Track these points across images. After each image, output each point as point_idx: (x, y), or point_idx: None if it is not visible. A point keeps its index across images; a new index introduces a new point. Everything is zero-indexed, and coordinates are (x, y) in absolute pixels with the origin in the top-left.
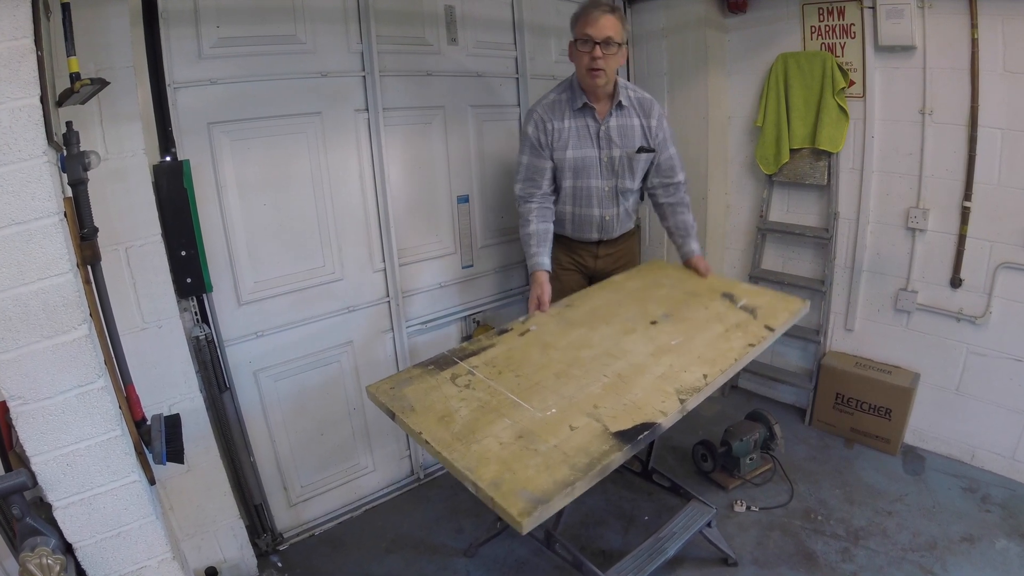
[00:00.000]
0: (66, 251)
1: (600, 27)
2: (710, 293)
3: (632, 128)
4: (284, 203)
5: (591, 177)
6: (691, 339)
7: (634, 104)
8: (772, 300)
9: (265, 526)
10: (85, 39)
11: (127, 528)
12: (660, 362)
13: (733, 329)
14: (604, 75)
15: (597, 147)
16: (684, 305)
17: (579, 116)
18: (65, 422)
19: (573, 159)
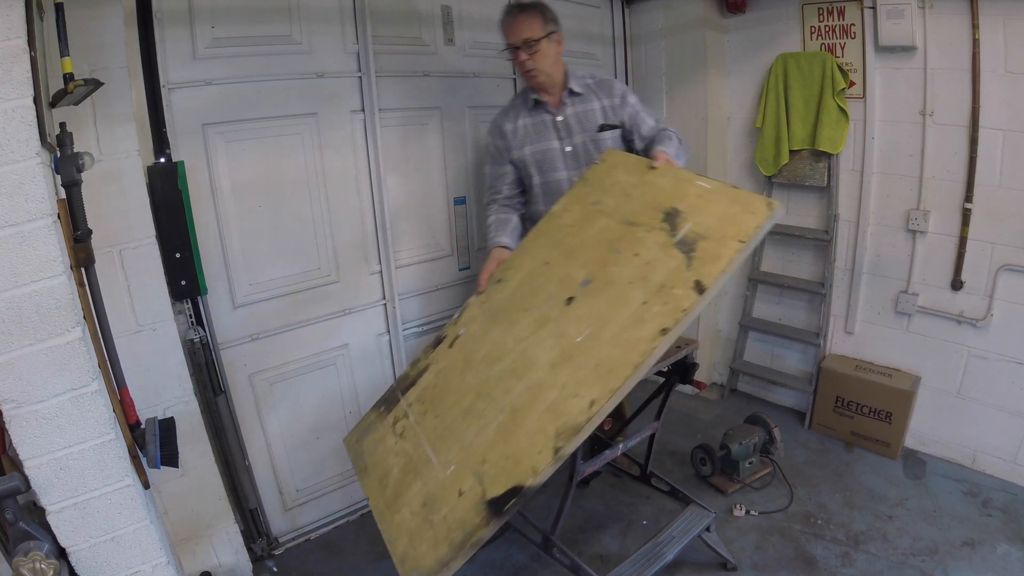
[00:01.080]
0: (60, 253)
1: (515, 31)
2: (652, 215)
3: (591, 112)
4: (279, 205)
5: (557, 170)
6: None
7: (591, 88)
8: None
9: (260, 531)
10: (79, 39)
11: (121, 533)
12: (557, 379)
13: (654, 297)
14: (540, 73)
15: (557, 138)
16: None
17: (534, 113)
18: (59, 426)
19: (532, 153)
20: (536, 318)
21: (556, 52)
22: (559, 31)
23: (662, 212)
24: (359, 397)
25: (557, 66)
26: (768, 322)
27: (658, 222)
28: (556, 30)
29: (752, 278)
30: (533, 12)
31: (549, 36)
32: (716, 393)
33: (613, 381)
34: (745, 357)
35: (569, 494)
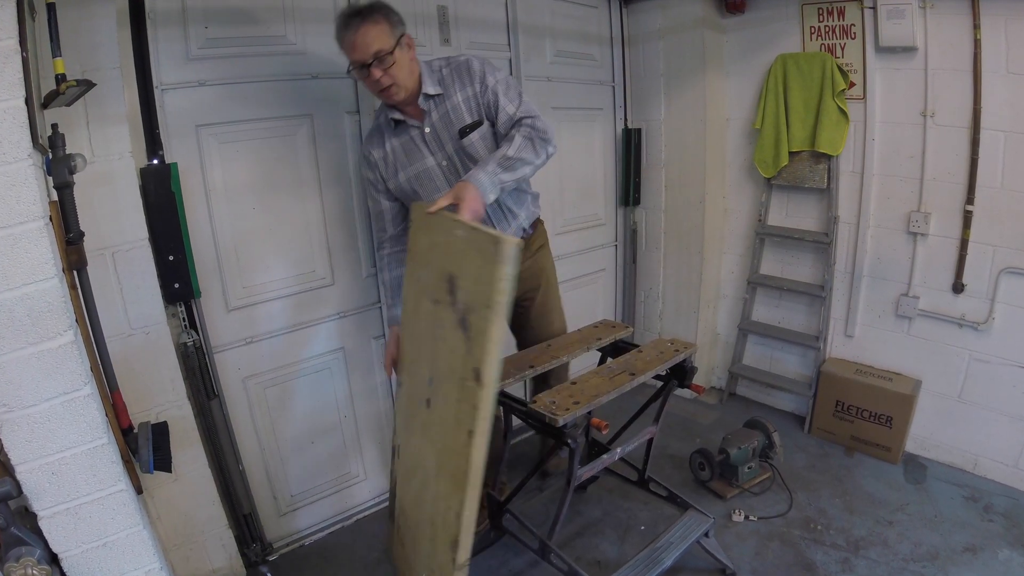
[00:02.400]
0: (51, 256)
1: (361, 46)
2: (441, 287)
3: (456, 109)
4: (274, 207)
5: (438, 189)
6: (446, 434)
7: (450, 80)
8: (477, 266)
9: (254, 536)
10: (71, 40)
11: (114, 538)
12: (440, 490)
13: (460, 393)
14: (397, 89)
15: (431, 153)
16: (436, 342)
17: (399, 132)
18: (50, 430)
19: (409, 179)
20: (421, 424)
21: (410, 57)
22: (406, 32)
23: (446, 281)
24: (354, 401)
25: (412, 75)
26: (767, 325)
27: (446, 295)
28: (404, 31)
29: (751, 281)
30: (376, 18)
31: (400, 42)
32: (715, 397)
33: (462, 490)
34: (744, 360)
35: (566, 499)
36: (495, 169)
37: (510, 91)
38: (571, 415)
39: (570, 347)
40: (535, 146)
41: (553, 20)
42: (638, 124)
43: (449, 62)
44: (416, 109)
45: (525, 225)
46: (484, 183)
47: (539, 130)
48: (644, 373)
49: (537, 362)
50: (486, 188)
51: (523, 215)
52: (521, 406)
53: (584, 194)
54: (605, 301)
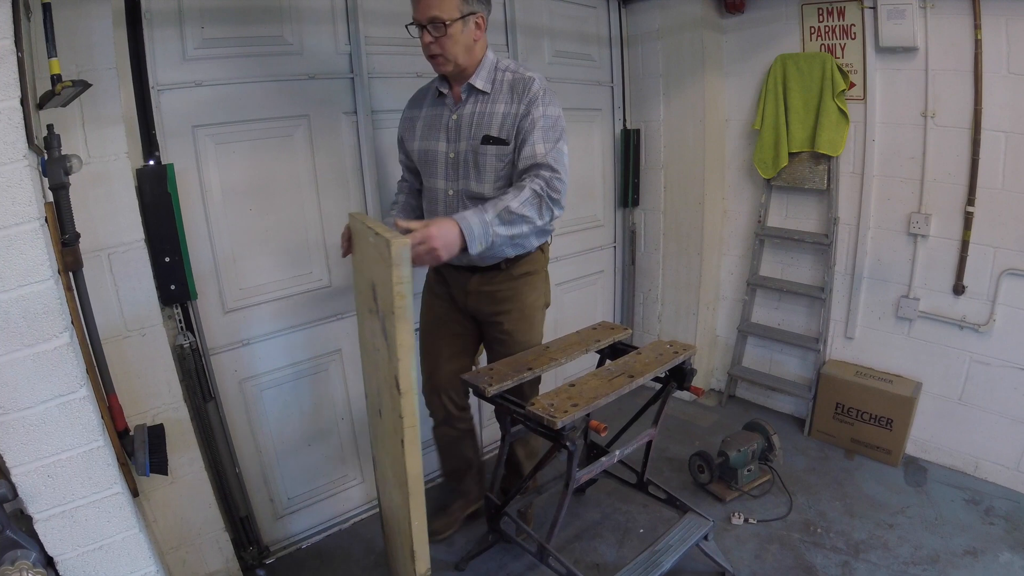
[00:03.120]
0: (47, 257)
1: (423, 7)
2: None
3: (491, 116)
4: (271, 208)
5: (436, 176)
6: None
7: (503, 87)
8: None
9: (251, 539)
10: (66, 40)
11: (110, 541)
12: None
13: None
14: (447, 61)
15: (446, 140)
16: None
17: (436, 104)
18: (46, 432)
19: (420, 152)
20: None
21: (473, 38)
22: (482, 12)
23: (371, 290)
24: (352, 403)
25: (471, 55)
26: (767, 327)
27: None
28: (478, 11)
29: (751, 282)
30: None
31: (465, 18)
32: (714, 399)
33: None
34: (744, 363)
35: (565, 502)
36: (493, 219)
37: (550, 132)
38: (569, 417)
39: (568, 349)
40: (542, 206)
41: (551, 20)
42: (637, 125)
43: (516, 72)
44: (459, 91)
45: (510, 253)
46: (475, 230)
47: (554, 188)
48: (643, 375)
49: (535, 364)
50: (475, 236)
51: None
52: (519, 408)
53: (583, 195)
54: (604, 303)
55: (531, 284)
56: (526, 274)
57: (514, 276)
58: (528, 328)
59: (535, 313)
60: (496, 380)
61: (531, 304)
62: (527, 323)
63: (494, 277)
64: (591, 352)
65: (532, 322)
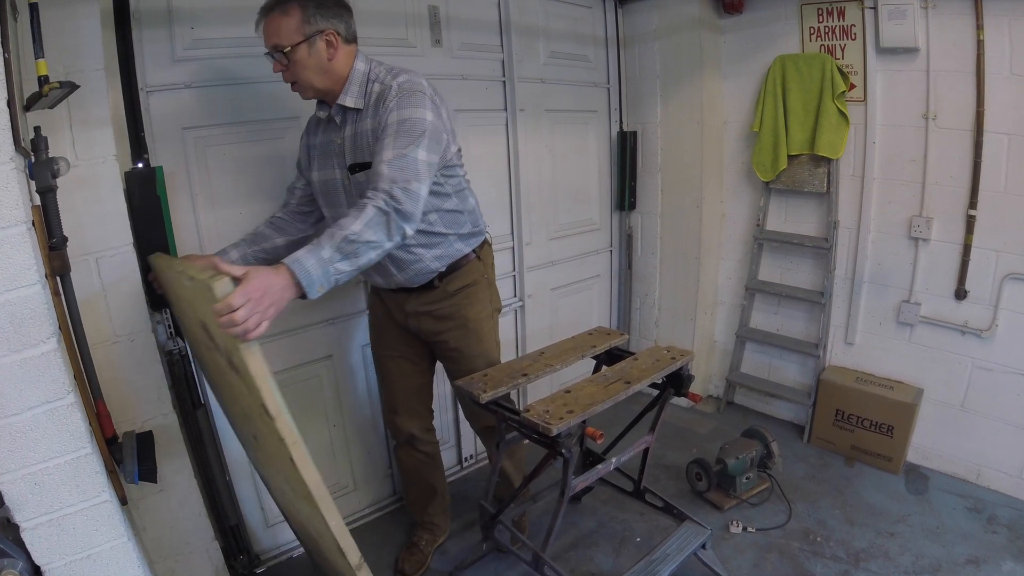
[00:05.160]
0: (34, 261)
1: (265, 35)
2: (203, 334)
3: (364, 135)
4: (261, 212)
5: (341, 206)
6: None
7: (372, 100)
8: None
9: (241, 548)
10: (54, 41)
11: (98, 550)
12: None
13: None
14: (302, 88)
15: (339, 166)
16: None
17: (327, 129)
18: (33, 439)
19: (318, 183)
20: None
21: (327, 57)
22: (330, 28)
23: (203, 329)
24: (343, 410)
25: (329, 75)
26: (766, 332)
27: (209, 341)
28: (324, 28)
29: (749, 287)
30: (289, 8)
31: (310, 40)
32: (712, 406)
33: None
34: (742, 369)
35: (560, 510)
36: (332, 255)
37: (402, 137)
38: (565, 424)
39: (564, 355)
40: (389, 226)
41: (547, 21)
42: (633, 127)
43: (384, 80)
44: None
45: (437, 267)
46: (312, 274)
47: (398, 200)
48: (640, 381)
49: (530, 371)
50: (313, 280)
51: (429, 257)
52: (514, 415)
53: (578, 198)
54: (600, 308)
55: (471, 297)
56: (464, 287)
57: (450, 293)
58: (477, 342)
59: (481, 325)
60: (491, 386)
61: (475, 318)
62: (475, 337)
63: (430, 296)
64: (587, 358)
65: (480, 335)
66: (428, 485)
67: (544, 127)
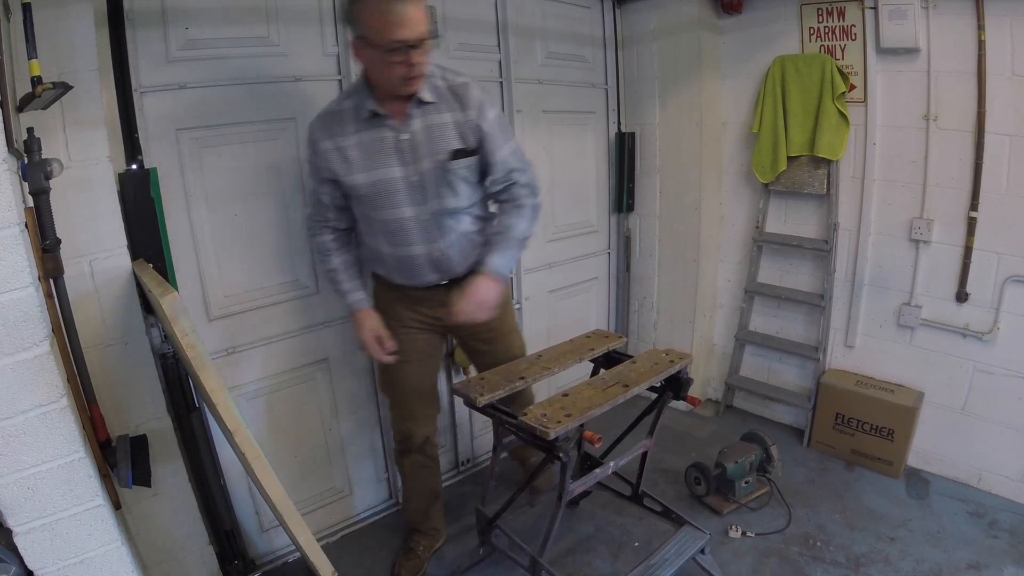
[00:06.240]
0: (27, 264)
1: (413, 25)
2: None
3: (443, 127)
4: (256, 213)
5: (400, 206)
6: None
7: (445, 95)
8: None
9: (236, 552)
10: (47, 41)
11: (91, 555)
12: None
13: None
14: (418, 81)
15: (400, 164)
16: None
17: (369, 128)
18: (26, 443)
19: (368, 185)
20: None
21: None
22: None
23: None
24: (339, 413)
25: None
26: (765, 335)
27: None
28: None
29: (748, 290)
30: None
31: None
32: (711, 409)
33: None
34: (741, 372)
35: (558, 515)
36: (516, 253)
37: (507, 132)
38: (563, 428)
39: (561, 358)
40: (536, 212)
41: (544, 21)
42: (632, 128)
43: (446, 77)
44: (400, 110)
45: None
46: (504, 269)
47: (534, 189)
48: (638, 385)
49: (528, 374)
50: (504, 272)
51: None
52: (511, 419)
53: (576, 200)
54: (598, 310)
55: None
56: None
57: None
58: (510, 317)
59: (509, 301)
60: (488, 389)
61: (505, 294)
62: (508, 313)
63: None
64: (585, 361)
65: (511, 310)
66: (431, 490)
67: (542, 128)
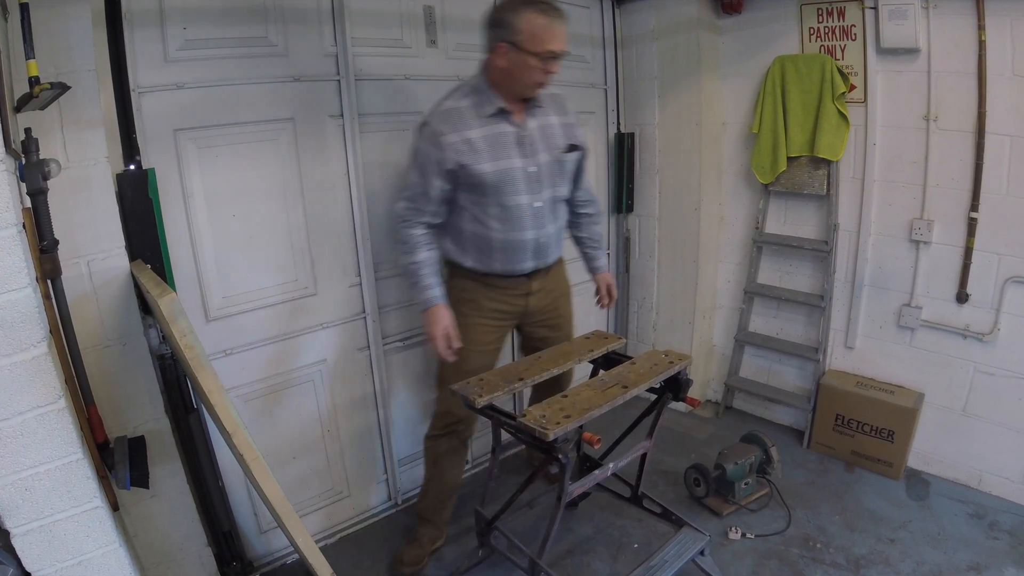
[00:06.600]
0: (25, 264)
1: (561, 40)
2: None
3: (552, 127)
4: (254, 214)
5: (518, 193)
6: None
7: (548, 101)
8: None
9: (235, 554)
10: (45, 41)
11: (89, 557)
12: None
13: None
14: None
15: (521, 155)
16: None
17: (491, 123)
18: (23, 445)
19: (493, 173)
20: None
21: None
22: None
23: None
24: (338, 415)
25: None
26: (765, 336)
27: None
28: None
29: (748, 290)
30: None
31: None
32: (711, 411)
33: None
34: (741, 373)
35: (557, 516)
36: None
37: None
38: (562, 429)
39: (561, 359)
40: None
41: None
42: (631, 128)
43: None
44: (519, 109)
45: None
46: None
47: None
48: (637, 386)
49: (527, 374)
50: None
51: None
52: (510, 420)
53: None
54: (597, 311)
55: (564, 264)
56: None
57: (560, 261)
58: (570, 304)
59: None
60: (487, 391)
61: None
62: (570, 301)
63: (552, 269)
64: (584, 362)
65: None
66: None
67: None
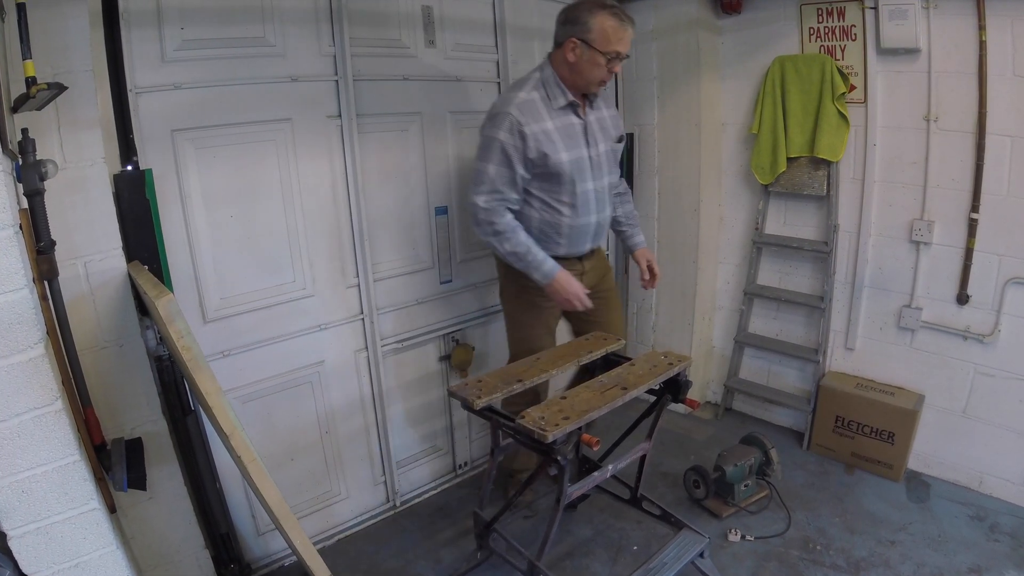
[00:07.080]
0: (22, 265)
1: (628, 43)
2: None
3: (605, 120)
4: (252, 215)
5: (587, 180)
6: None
7: (601, 95)
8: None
9: (232, 556)
10: (41, 41)
11: (86, 559)
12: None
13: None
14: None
15: (586, 145)
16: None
17: (561, 115)
18: (20, 446)
19: (570, 162)
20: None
21: None
22: None
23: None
24: (336, 416)
25: None
26: (765, 338)
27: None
28: None
29: (748, 292)
30: None
31: None
32: (710, 412)
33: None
34: (741, 374)
35: (556, 518)
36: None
37: None
38: (561, 431)
39: (560, 360)
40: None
41: (542, 21)
42: (630, 129)
43: None
44: (581, 103)
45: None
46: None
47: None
48: (636, 387)
49: (526, 376)
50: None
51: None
52: (509, 421)
53: None
54: None
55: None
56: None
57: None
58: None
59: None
60: (485, 392)
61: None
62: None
63: (597, 250)
64: (583, 364)
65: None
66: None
67: None
